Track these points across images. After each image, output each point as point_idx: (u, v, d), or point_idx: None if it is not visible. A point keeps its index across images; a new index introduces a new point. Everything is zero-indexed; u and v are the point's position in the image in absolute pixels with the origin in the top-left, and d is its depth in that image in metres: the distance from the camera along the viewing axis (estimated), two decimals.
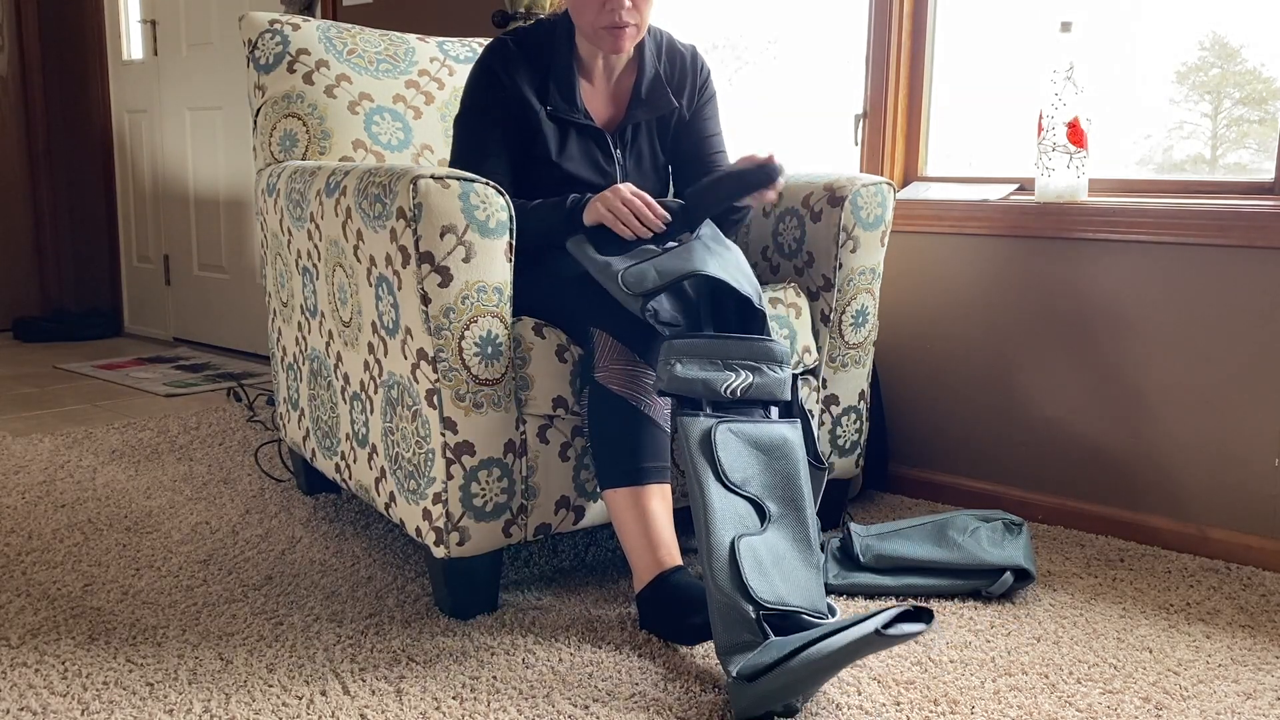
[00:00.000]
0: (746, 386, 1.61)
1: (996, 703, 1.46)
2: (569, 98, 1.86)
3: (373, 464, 1.83)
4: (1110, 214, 2.09)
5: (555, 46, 1.86)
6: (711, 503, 1.51)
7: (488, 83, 1.84)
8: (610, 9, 1.75)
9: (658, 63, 1.93)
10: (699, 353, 1.60)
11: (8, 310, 4.70)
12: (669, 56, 1.95)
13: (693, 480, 1.54)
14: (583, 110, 1.87)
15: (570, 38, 1.87)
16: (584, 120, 1.87)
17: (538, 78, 1.85)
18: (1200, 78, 2.18)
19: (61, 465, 2.54)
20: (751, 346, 1.63)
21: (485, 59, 1.86)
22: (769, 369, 1.63)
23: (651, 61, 1.92)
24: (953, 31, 2.42)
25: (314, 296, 1.97)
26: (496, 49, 1.86)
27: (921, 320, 2.38)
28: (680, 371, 1.57)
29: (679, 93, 1.95)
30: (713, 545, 1.49)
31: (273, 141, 2.19)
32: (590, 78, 1.90)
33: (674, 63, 1.95)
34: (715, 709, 1.43)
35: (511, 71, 1.84)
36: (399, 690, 1.47)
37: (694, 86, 1.97)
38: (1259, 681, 1.53)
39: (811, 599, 1.50)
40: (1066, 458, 2.21)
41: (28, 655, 1.57)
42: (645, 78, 1.91)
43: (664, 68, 1.93)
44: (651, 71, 1.91)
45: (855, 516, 2.22)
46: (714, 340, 1.61)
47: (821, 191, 2.04)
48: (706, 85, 1.99)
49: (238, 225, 4.09)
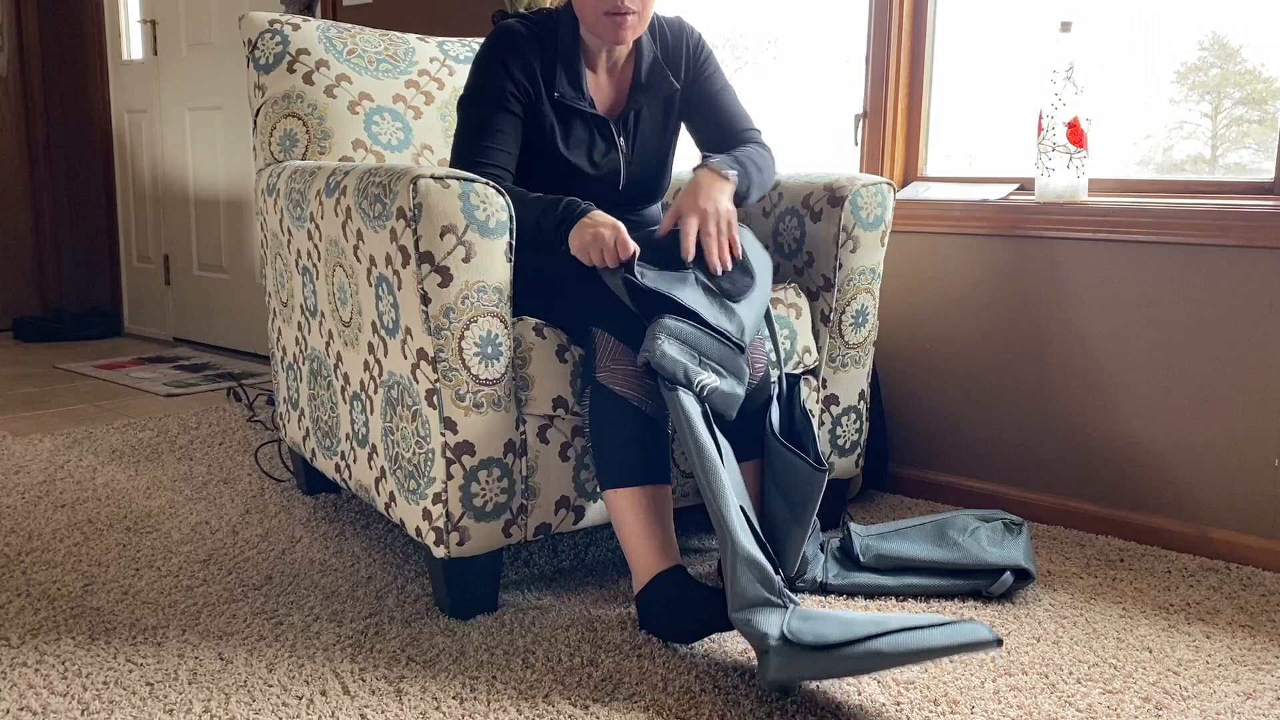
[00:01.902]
0: (713, 389, 1.61)
1: (996, 703, 1.46)
2: (576, 85, 1.86)
3: (373, 464, 1.83)
4: (1110, 214, 2.09)
5: (561, 35, 1.86)
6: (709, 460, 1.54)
7: (496, 67, 1.83)
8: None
9: (654, 45, 1.93)
10: (685, 338, 1.60)
11: (8, 310, 4.70)
12: (660, 35, 1.95)
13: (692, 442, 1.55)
14: (589, 98, 1.87)
15: (575, 27, 1.87)
16: (589, 108, 1.87)
17: (545, 65, 1.85)
18: (1200, 78, 2.18)
19: (61, 465, 2.54)
20: (724, 351, 1.63)
21: (494, 43, 1.85)
22: (732, 384, 1.64)
23: (649, 46, 1.92)
24: (953, 31, 2.42)
25: (314, 296, 1.97)
26: (505, 34, 1.85)
27: (921, 320, 2.38)
28: (668, 350, 1.58)
29: (675, 68, 1.94)
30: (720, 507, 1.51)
31: (273, 141, 2.19)
32: (594, 66, 1.90)
33: (665, 40, 1.95)
34: (715, 709, 1.43)
35: (520, 57, 1.83)
36: (399, 690, 1.47)
37: (687, 57, 1.96)
38: (1259, 681, 1.53)
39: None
40: (1066, 458, 2.21)
41: (28, 655, 1.57)
42: (644, 62, 1.91)
43: (659, 49, 1.94)
44: (650, 56, 1.92)
45: (855, 516, 2.22)
46: (700, 331, 1.61)
47: (821, 191, 2.04)
48: (699, 49, 1.97)
49: (238, 225, 4.09)
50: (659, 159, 1.98)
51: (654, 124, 1.95)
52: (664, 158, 1.99)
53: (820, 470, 1.67)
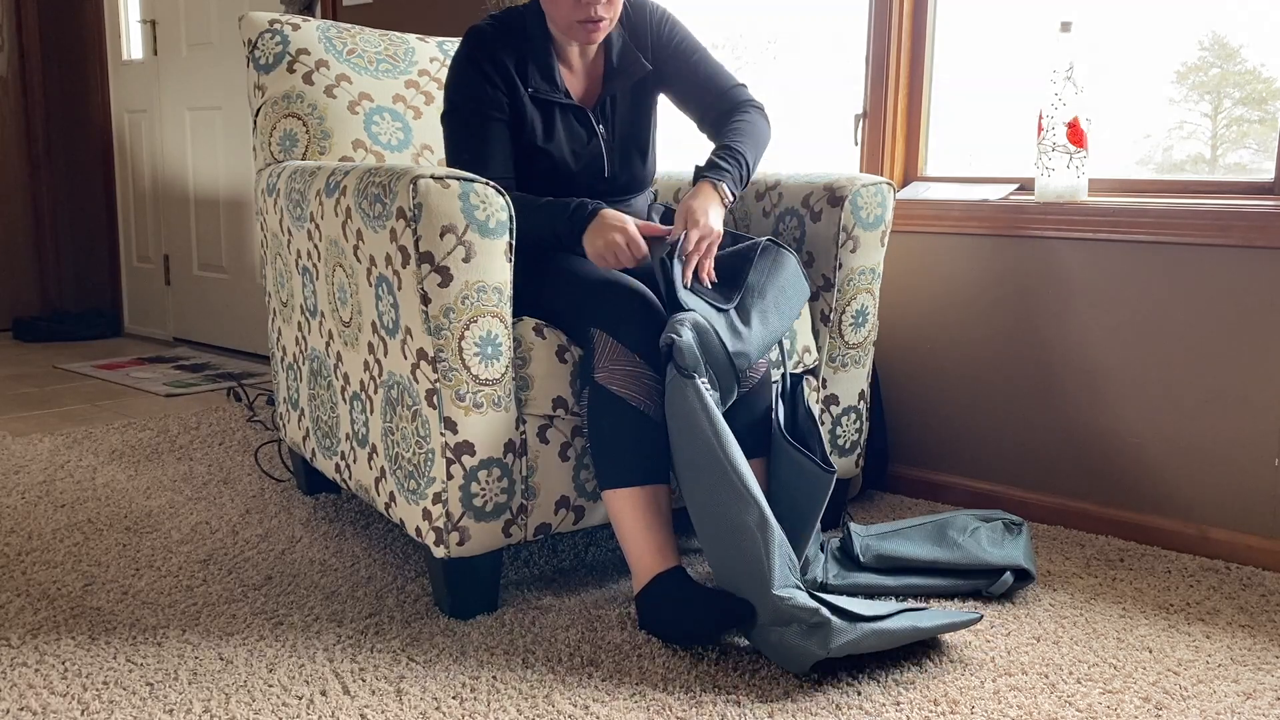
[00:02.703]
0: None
1: (996, 703, 1.46)
2: (549, 78, 1.86)
3: (373, 464, 1.83)
4: (1110, 214, 2.09)
5: (530, 31, 1.86)
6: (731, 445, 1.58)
7: (474, 73, 1.83)
8: (585, 3, 1.75)
9: (622, 30, 1.93)
10: (703, 338, 1.64)
11: (8, 310, 4.70)
12: (625, 19, 1.94)
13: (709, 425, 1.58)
14: (563, 89, 1.88)
15: (543, 21, 1.87)
16: (565, 99, 1.87)
17: (518, 62, 1.85)
18: (1200, 78, 2.18)
19: (61, 465, 2.54)
20: (725, 367, 1.67)
21: (467, 49, 1.85)
22: (718, 399, 1.68)
23: (617, 32, 1.92)
24: (953, 32, 2.42)
25: (314, 296, 1.97)
26: (475, 37, 1.86)
27: (921, 320, 2.38)
28: (689, 341, 1.61)
29: (643, 49, 1.94)
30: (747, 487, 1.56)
31: (273, 141, 2.19)
32: (565, 59, 1.90)
33: (630, 23, 1.95)
34: (716, 708, 1.43)
35: (492, 59, 1.83)
36: (399, 690, 1.47)
37: (652, 34, 1.96)
38: (1259, 681, 1.53)
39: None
40: (1066, 458, 2.21)
41: (28, 655, 1.57)
42: (614, 49, 1.91)
43: (627, 33, 1.93)
44: (619, 42, 1.92)
45: (855, 516, 2.22)
46: (711, 340, 1.65)
47: (821, 191, 2.04)
48: (662, 23, 1.97)
49: (238, 225, 4.09)
50: (640, 143, 1.98)
51: (631, 108, 1.95)
52: (645, 142, 1.99)
53: (828, 472, 1.67)
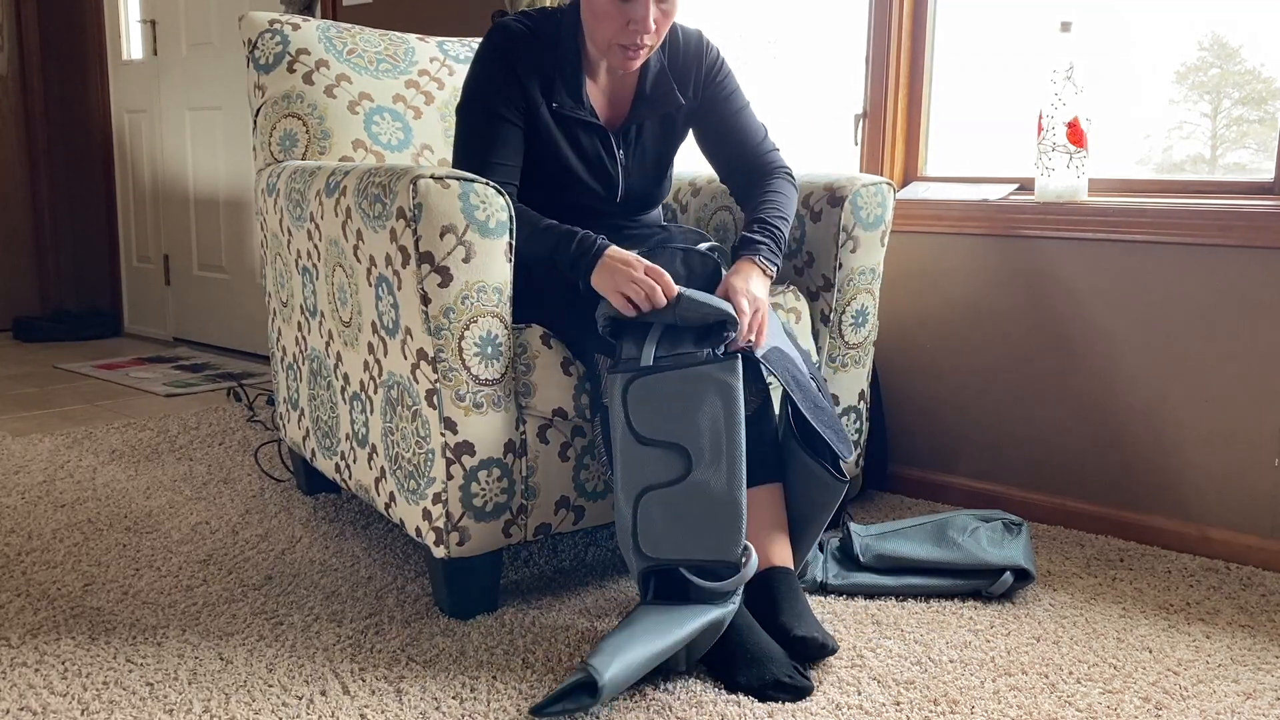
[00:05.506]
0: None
1: (996, 703, 1.46)
2: (575, 95, 1.79)
3: (373, 464, 1.83)
4: (1110, 214, 2.09)
5: (562, 40, 1.80)
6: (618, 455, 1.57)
7: (494, 74, 1.77)
8: (633, 30, 1.68)
9: (661, 56, 1.86)
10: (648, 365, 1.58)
11: (8, 310, 4.70)
12: (671, 47, 1.87)
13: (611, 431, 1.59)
14: (589, 108, 1.81)
15: (576, 32, 1.80)
16: (589, 118, 1.81)
17: (545, 71, 1.78)
18: (1200, 78, 2.18)
19: (61, 465, 2.54)
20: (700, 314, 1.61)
21: (495, 45, 1.78)
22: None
23: (655, 57, 1.85)
24: (953, 31, 2.42)
25: (314, 296, 1.97)
26: (503, 34, 1.78)
27: (921, 320, 2.38)
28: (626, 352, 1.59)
29: (683, 84, 1.87)
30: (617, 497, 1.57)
31: (272, 141, 2.19)
32: (595, 75, 1.83)
33: (676, 53, 1.87)
34: (717, 708, 1.43)
35: (519, 62, 1.77)
36: (399, 690, 1.47)
37: (701, 73, 1.89)
38: (1259, 681, 1.53)
39: (718, 550, 1.50)
40: (1066, 458, 2.21)
41: (28, 655, 1.57)
42: (650, 73, 1.84)
43: (667, 60, 1.86)
44: (656, 67, 1.85)
45: (855, 516, 2.22)
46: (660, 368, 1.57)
47: (821, 191, 2.04)
48: (716, 69, 1.90)
49: (238, 225, 4.09)
50: (659, 170, 1.93)
51: (655, 138, 1.89)
52: (664, 168, 1.94)
53: (841, 481, 1.65)
